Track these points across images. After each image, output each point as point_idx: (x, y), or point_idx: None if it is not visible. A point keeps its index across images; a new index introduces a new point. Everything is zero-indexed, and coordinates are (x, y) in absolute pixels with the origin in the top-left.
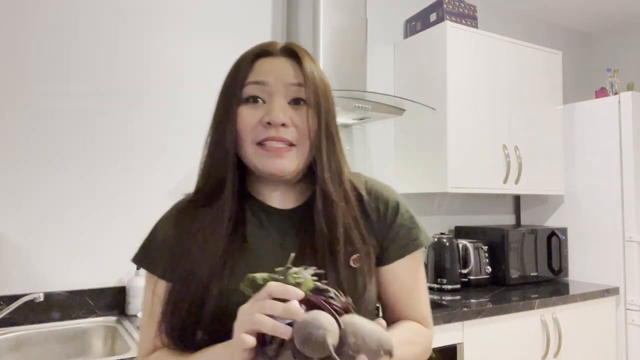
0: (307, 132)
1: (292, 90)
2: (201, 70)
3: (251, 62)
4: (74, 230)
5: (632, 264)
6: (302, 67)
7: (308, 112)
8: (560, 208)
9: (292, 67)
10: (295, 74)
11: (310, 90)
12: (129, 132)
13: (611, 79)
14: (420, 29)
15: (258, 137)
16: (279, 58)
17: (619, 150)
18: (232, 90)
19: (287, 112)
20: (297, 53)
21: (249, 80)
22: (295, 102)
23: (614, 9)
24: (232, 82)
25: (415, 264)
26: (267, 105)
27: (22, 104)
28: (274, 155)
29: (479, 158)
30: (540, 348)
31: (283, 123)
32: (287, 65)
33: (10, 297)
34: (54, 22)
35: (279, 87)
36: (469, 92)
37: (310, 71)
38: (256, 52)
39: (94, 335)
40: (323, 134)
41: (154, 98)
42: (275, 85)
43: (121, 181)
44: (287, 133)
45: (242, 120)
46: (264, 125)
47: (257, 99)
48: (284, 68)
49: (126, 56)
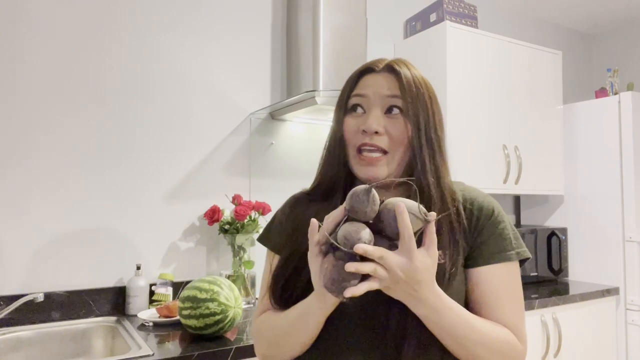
0: (400, 139)
1: (388, 101)
2: (201, 70)
3: (357, 77)
4: (74, 230)
5: (632, 264)
6: (400, 78)
7: (404, 121)
8: (560, 208)
9: (391, 80)
10: (391, 86)
11: (406, 100)
12: (130, 133)
13: (611, 79)
14: (420, 29)
15: (357, 143)
16: (381, 73)
17: (619, 150)
18: (341, 102)
19: (381, 122)
20: (395, 67)
21: (353, 93)
22: (389, 110)
23: (614, 9)
24: (341, 96)
25: (508, 274)
26: (365, 115)
27: (21, 104)
28: (367, 163)
29: (478, 158)
30: (540, 348)
31: (376, 131)
32: (387, 78)
33: (10, 297)
34: (52, 19)
35: (375, 99)
36: (469, 92)
37: (408, 82)
38: (362, 69)
39: (94, 335)
40: (423, 140)
41: (155, 99)
42: (373, 97)
43: (121, 181)
44: (380, 141)
45: (346, 127)
46: (361, 132)
47: (358, 107)
48: (383, 82)
49: (128, 56)
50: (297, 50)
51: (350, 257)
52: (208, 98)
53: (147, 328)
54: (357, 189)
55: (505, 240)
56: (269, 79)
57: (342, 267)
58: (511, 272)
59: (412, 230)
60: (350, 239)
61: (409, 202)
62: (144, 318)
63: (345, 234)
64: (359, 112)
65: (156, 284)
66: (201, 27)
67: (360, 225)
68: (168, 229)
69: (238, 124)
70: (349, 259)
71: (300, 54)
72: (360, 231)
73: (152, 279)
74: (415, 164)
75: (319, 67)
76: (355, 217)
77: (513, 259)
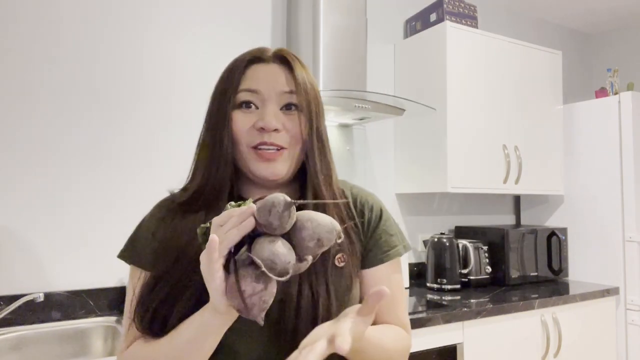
0: (298, 136)
1: (284, 97)
2: (200, 69)
3: (244, 68)
4: (74, 230)
5: (632, 264)
6: (294, 74)
7: (300, 118)
8: (560, 208)
9: (284, 74)
10: (287, 81)
11: (302, 96)
12: (129, 132)
13: (611, 79)
14: (420, 29)
15: (253, 142)
16: (271, 65)
17: (619, 150)
18: (226, 95)
19: (279, 118)
20: (288, 60)
21: (242, 87)
22: (287, 107)
23: (614, 9)
24: (226, 88)
25: (395, 270)
26: (260, 111)
27: (21, 104)
28: (266, 159)
29: (479, 158)
30: (540, 348)
31: (276, 128)
32: (279, 72)
33: (10, 297)
34: (44, 15)
35: (270, 95)
36: (469, 92)
37: (302, 78)
38: (248, 59)
39: (94, 335)
40: (314, 137)
41: (154, 99)
42: (267, 93)
43: (121, 181)
44: (279, 138)
45: (236, 124)
46: (257, 130)
47: (250, 104)
48: (276, 75)
49: (124, 55)
50: (297, 50)
51: (271, 281)
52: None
53: None
54: (275, 201)
55: (393, 236)
56: None
57: (262, 290)
58: (397, 267)
59: (323, 249)
60: (279, 263)
61: (321, 218)
62: None
63: (271, 256)
64: (251, 107)
65: None
66: (201, 27)
67: (282, 243)
68: None
69: None
70: (268, 282)
71: (300, 54)
72: (287, 253)
73: None
74: (310, 160)
75: (318, 67)
76: (265, 230)
77: (402, 252)
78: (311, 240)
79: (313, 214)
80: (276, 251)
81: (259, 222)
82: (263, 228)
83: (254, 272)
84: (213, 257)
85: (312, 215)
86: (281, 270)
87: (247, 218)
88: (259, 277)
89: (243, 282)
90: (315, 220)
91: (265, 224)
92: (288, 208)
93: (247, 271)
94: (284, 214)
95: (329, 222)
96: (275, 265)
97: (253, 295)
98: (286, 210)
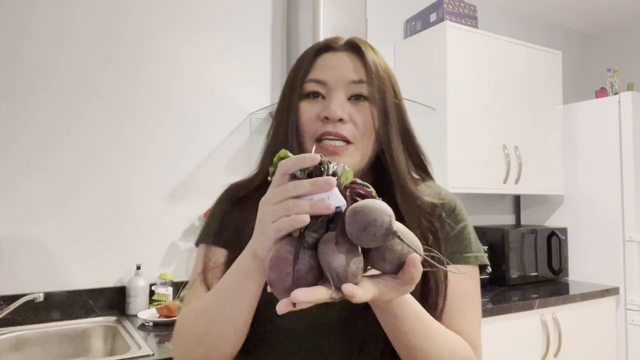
0: (368, 129)
1: (352, 87)
2: (201, 70)
3: (313, 57)
4: (74, 230)
5: (632, 264)
6: (365, 62)
7: (371, 109)
8: (560, 208)
9: (353, 63)
10: (355, 70)
11: (373, 86)
12: (128, 133)
13: (611, 79)
14: (420, 29)
15: (317, 133)
16: (340, 53)
17: (619, 150)
18: (293, 86)
19: (345, 108)
20: (360, 47)
21: (310, 78)
22: (355, 98)
23: (614, 8)
24: (294, 78)
25: (469, 277)
26: (326, 101)
27: (20, 104)
28: (330, 153)
29: (478, 158)
30: (540, 348)
31: (340, 118)
32: (349, 61)
33: (10, 297)
34: (49, 18)
35: (338, 84)
36: (469, 92)
37: (374, 66)
38: (318, 47)
39: (94, 335)
40: (392, 129)
41: (155, 99)
42: (334, 82)
43: (121, 181)
44: (344, 129)
45: (302, 115)
46: (322, 120)
47: (317, 94)
48: (345, 64)
49: (126, 56)
50: (297, 50)
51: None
52: (208, 98)
53: (147, 328)
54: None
55: (465, 241)
56: (269, 79)
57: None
58: (476, 275)
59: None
60: (349, 275)
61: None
62: (144, 318)
63: (350, 269)
64: (318, 97)
65: (156, 284)
66: (201, 27)
67: (360, 259)
68: (168, 229)
69: (238, 124)
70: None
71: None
72: (360, 270)
73: (152, 279)
74: (389, 155)
75: None
76: (350, 239)
77: (472, 262)
78: (390, 264)
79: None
80: (351, 270)
81: (351, 234)
82: (352, 239)
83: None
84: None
85: (400, 226)
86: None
87: (327, 206)
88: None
89: (302, 256)
90: (406, 234)
91: (353, 237)
92: (388, 235)
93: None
94: (378, 237)
95: (416, 242)
96: (340, 281)
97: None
98: (386, 237)
